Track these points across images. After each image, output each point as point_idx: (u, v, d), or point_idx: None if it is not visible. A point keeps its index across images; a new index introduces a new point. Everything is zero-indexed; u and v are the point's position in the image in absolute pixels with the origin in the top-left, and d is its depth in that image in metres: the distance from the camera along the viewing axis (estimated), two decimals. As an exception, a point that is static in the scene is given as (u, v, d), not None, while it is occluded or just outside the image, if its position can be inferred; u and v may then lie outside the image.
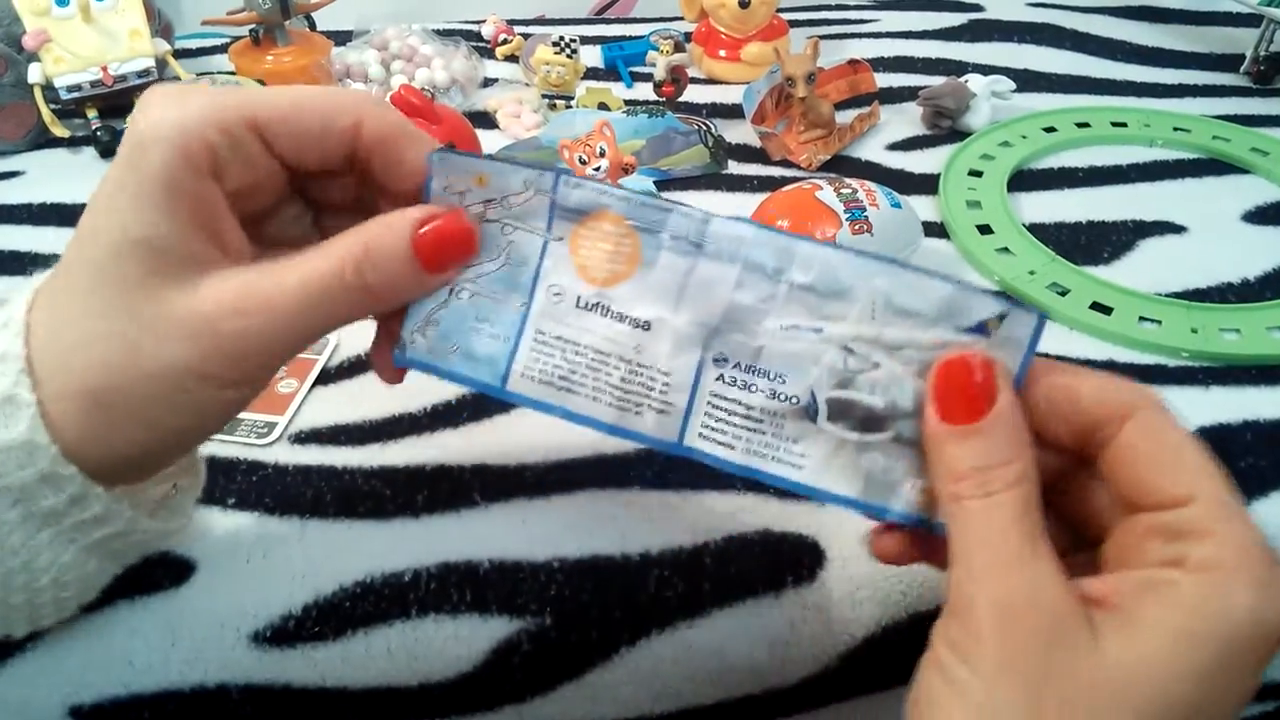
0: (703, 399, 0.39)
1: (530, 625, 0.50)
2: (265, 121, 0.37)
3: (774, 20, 1.06)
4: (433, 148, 0.40)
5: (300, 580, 0.50)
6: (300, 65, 0.98)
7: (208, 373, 0.36)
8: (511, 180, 0.39)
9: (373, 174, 0.40)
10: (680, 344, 0.39)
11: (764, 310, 0.38)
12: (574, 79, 0.96)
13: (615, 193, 0.38)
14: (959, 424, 0.34)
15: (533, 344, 0.40)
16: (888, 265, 0.36)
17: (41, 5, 0.88)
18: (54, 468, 0.36)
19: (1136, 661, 0.30)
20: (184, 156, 0.35)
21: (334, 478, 0.56)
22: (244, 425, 0.59)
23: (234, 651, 0.48)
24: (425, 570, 0.51)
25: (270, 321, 0.36)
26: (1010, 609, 0.31)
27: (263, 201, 0.40)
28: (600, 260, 0.39)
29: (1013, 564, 0.32)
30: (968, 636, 0.32)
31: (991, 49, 1.12)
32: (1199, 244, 0.79)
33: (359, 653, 0.49)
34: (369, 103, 0.39)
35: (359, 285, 0.37)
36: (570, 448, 0.58)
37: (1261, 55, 1.04)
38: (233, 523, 0.54)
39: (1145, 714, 0.30)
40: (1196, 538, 0.32)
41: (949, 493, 0.34)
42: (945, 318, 0.36)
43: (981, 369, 0.35)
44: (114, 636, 0.48)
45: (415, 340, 0.41)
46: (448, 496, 0.55)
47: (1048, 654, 0.31)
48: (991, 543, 0.33)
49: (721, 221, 0.38)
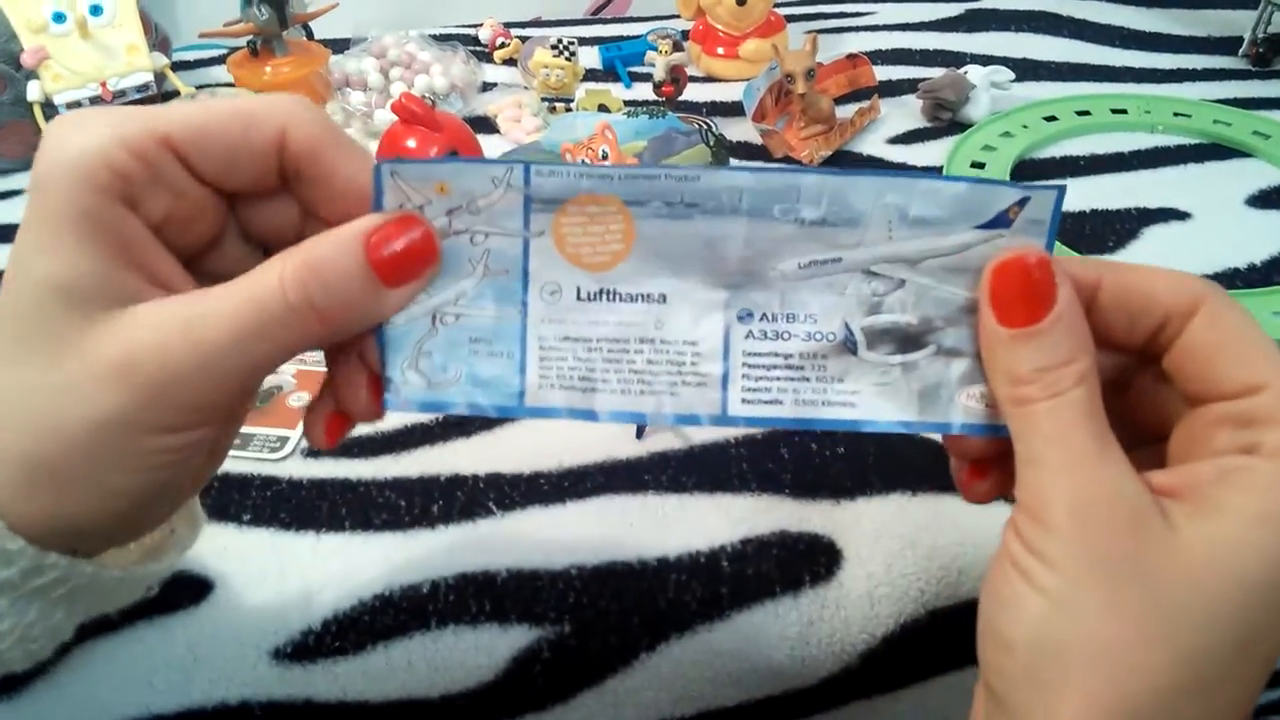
0: (737, 361, 0.36)
1: (550, 633, 0.50)
2: (178, 138, 0.33)
3: (771, 16, 1.06)
4: (369, 161, 0.35)
5: (318, 595, 0.51)
6: (299, 75, 0.98)
7: (143, 421, 0.32)
8: (476, 181, 0.35)
9: (305, 192, 0.36)
10: (700, 309, 0.36)
11: (778, 254, 0.36)
12: (573, 81, 0.96)
13: (593, 172, 0.35)
14: (1020, 326, 0.34)
15: (540, 351, 0.37)
16: (897, 179, 0.35)
17: (39, 22, 0.88)
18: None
19: (1214, 546, 0.30)
20: (89, 184, 0.31)
21: (348, 490, 0.56)
22: (256, 440, 0.59)
23: (255, 669, 0.48)
24: (443, 581, 0.51)
25: (200, 358, 0.31)
26: (1086, 505, 0.31)
27: (200, 233, 0.36)
28: (593, 245, 0.36)
29: (1085, 460, 0.32)
30: (1044, 534, 0.32)
31: (989, 39, 1.12)
32: (1203, 230, 0.79)
33: (379, 666, 0.49)
34: (296, 107, 0.34)
35: (304, 308, 0.32)
36: (583, 454, 0.58)
37: (1260, 37, 1.04)
38: (249, 539, 0.54)
39: (1225, 598, 0.30)
40: (1271, 424, 0.32)
41: (1013, 396, 0.34)
42: (963, 218, 0.35)
43: (1038, 268, 0.34)
44: (134, 658, 0.48)
45: (407, 378, 0.36)
46: (463, 506, 0.55)
47: (1124, 546, 0.31)
48: (1061, 441, 0.32)
49: (713, 174, 0.35)
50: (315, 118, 0.34)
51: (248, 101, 0.34)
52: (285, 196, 0.36)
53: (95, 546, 0.36)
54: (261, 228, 0.37)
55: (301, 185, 0.35)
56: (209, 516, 0.54)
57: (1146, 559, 0.31)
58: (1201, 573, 0.30)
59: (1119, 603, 0.30)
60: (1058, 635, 0.31)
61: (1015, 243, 0.35)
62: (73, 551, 0.35)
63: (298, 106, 0.34)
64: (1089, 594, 0.31)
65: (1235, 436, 0.32)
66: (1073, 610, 0.31)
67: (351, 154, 0.35)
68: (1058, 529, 0.31)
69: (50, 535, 0.33)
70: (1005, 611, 0.32)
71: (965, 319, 0.36)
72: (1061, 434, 0.32)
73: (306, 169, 0.34)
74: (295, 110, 0.34)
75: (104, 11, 0.91)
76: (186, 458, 0.34)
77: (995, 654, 0.33)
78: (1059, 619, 0.31)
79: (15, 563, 0.33)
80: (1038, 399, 0.33)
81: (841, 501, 0.55)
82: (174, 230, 0.34)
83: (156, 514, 0.37)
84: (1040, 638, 0.31)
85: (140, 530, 0.38)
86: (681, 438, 0.60)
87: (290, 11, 0.97)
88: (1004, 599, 0.33)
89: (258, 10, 0.95)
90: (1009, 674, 0.32)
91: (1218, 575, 0.30)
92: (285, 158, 0.34)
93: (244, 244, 0.38)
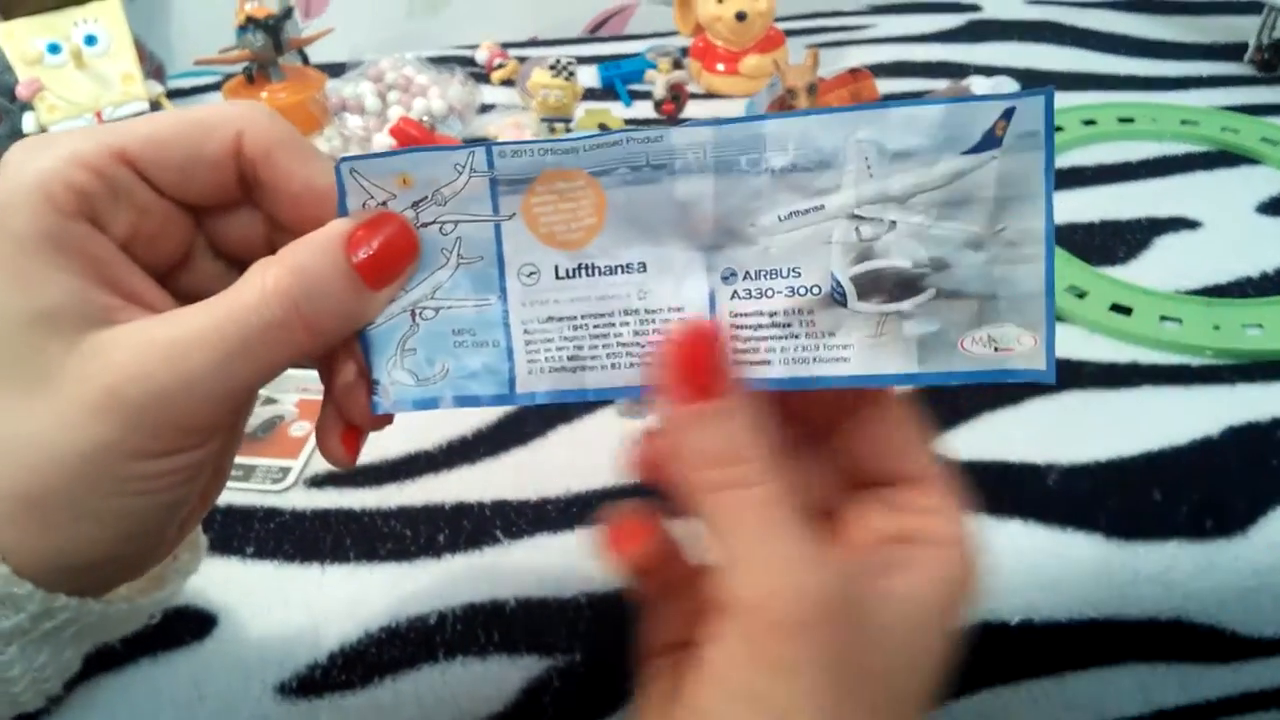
0: (725, 324, 0.35)
1: (560, 663, 0.49)
2: (133, 151, 0.32)
3: (771, 31, 1.05)
4: (326, 163, 0.34)
5: (324, 628, 0.50)
6: (295, 100, 0.98)
7: (136, 448, 0.31)
8: (439, 169, 0.34)
9: (265, 199, 0.35)
10: (682, 273, 0.35)
11: (755, 209, 0.34)
12: (572, 101, 0.95)
13: (558, 145, 0.34)
14: (700, 401, 0.31)
15: (525, 336, 0.36)
16: (867, 112, 0.32)
17: (34, 54, 0.88)
18: (6, 588, 0.32)
19: (902, 629, 0.32)
20: (49, 205, 0.31)
21: (352, 521, 0.56)
22: (259, 472, 0.59)
23: (261, 704, 0.47)
24: (451, 612, 0.50)
25: (185, 383, 0.31)
26: (806, 610, 0.29)
27: (169, 249, 0.35)
28: (566, 222, 0.35)
29: (800, 562, 0.30)
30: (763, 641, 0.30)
31: (991, 49, 1.12)
32: (1214, 238, 0.78)
33: (387, 699, 0.48)
34: (251, 112, 0.34)
35: (291, 319, 0.32)
36: (590, 479, 0.57)
37: (1265, 43, 1.03)
38: (252, 572, 0.53)
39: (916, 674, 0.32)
40: (927, 513, 0.34)
41: (705, 480, 0.31)
42: (947, 144, 0.32)
43: (699, 339, 0.32)
44: (138, 695, 0.47)
45: (395, 378, 0.36)
46: (469, 535, 0.54)
47: (841, 648, 0.30)
48: (771, 537, 0.30)
49: (677, 132, 0.33)
50: (270, 122, 0.34)
51: (201, 109, 0.34)
52: (250, 208, 0.36)
53: (106, 581, 0.36)
54: (230, 242, 0.37)
55: (261, 192, 0.35)
56: (212, 550, 0.53)
57: (862, 656, 0.30)
58: (894, 658, 0.31)
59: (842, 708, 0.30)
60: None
61: (1011, 164, 0.32)
62: (81, 591, 0.34)
63: (252, 111, 0.34)
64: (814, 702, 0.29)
65: (899, 523, 0.34)
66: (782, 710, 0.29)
67: (307, 156, 0.34)
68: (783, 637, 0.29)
69: (57, 575, 0.33)
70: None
71: (967, 256, 0.33)
72: (772, 530, 0.30)
73: (264, 173, 0.34)
74: (249, 115, 0.34)
75: (99, 41, 0.91)
76: (188, 478, 0.33)
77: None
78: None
79: (24, 608, 0.32)
80: (739, 485, 0.31)
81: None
82: (142, 247, 0.34)
83: (166, 540, 0.36)
84: None
85: (152, 560, 0.37)
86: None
87: (286, 37, 0.97)
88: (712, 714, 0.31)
89: (253, 36, 0.94)
90: None
91: (908, 659, 0.32)
92: (242, 164, 0.34)
93: (215, 260, 0.37)
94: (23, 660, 0.34)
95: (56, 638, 0.35)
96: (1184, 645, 0.55)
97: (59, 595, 0.33)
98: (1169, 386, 0.63)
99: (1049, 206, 0.32)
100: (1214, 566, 0.53)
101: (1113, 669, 0.55)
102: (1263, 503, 0.55)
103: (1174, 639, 0.54)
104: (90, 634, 0.37)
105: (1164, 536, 0.54)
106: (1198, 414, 0.61)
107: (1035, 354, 0.33)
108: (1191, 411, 0.61)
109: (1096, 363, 0.65)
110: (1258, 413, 0.61)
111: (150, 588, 0.40)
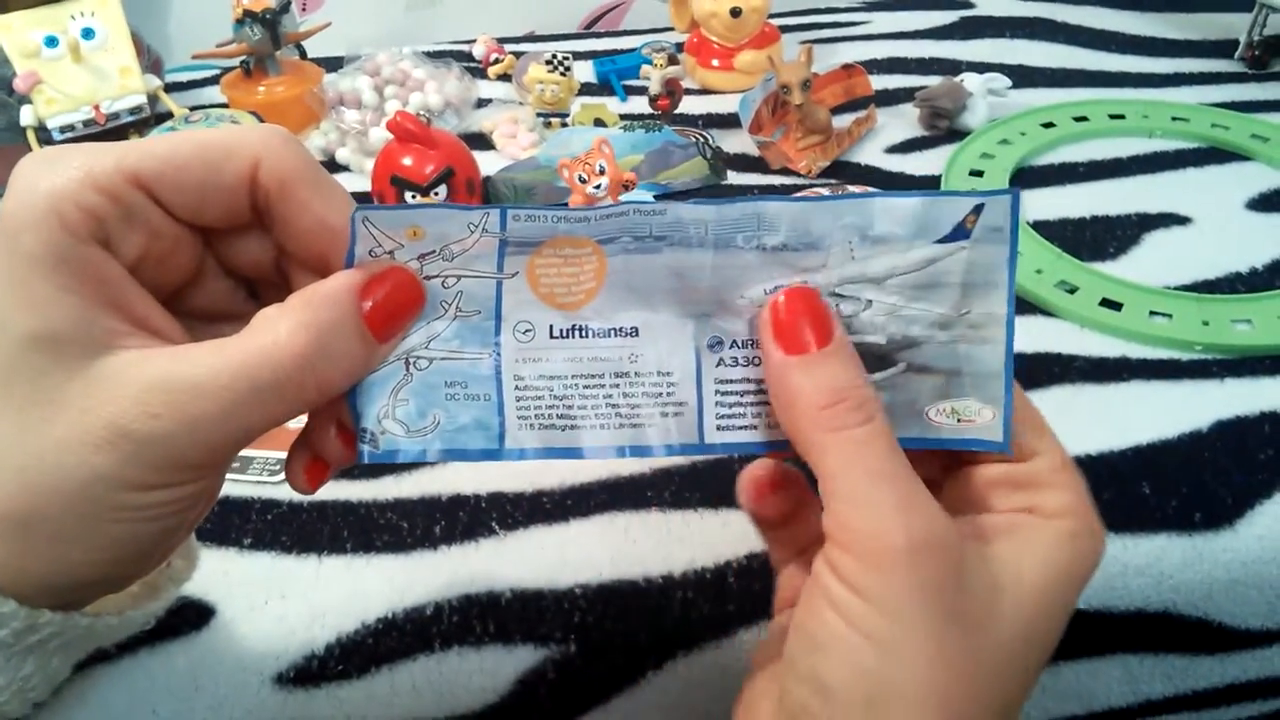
0: (710, 389, 0.37)
1: (555, 654, 0.49)
2: (148, 176, 0.32)
3: (765, 27, 1.06)
4: (341, 201, 0.34)
5: (321, 619, 0.50)
6: (292, 94, 0.98)
7: (136, 480, 0.31)
8: (452, 226, 0.35)
9: (276, 228, 0.34)
10: (672, 340, 0.36)
11: (745, 281, 0.36)
12: (568, 96, 0.95)
13: (571, 215, 0.35)
14: (807, 351, 0.33)
15: (516, 392, 0.36)
16: (853, 201, 0.35)
17: (31, 47, 0.88)
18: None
19: (1014, 597, 0.32)
20: (61, 226, 0.30)
21: (349, 513, 0.56)
22: (256, 464, 0.59)
23: (258, 695, 0.48)
24: (447, 603, 0.51)
25: (186, 423, 0.30)
26: (920, 548, 0.31)
27: (178, 271, 0.35)
28: (567, 286, 0.36)
29: (910, 501, 0.31)
30: (871, 575, 0.31)
31: (984, 46, 1.12)
32: (1204, 234, 0.79)
33: (384, 689, 0.48)
34: (272, 139, 0.33)
35: (303, 375, 0.32)
36: (585, 471, 0.58)
37: (1255, 40, 1.04)
38: (249, 563, 0.53)
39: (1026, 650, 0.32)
40: (1044, 488, 0.34)
41: (815, 421, 0.33)
42: (921, 233, 0.35)
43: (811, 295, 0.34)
44: (136, 686, 0.48)
45: (385, 428, 0.36)
46: (465, 527, 0.55)
47: (951, 593, 0.31)
48: (881, 477, 0.32)
49: (679, 208, 0.35)
50: (287, 151, 0.33)
51: (220, 134, 0.33)
52: (261, 231, 0.35)
53: (90, 596, 0.36)
54: (239, 263, 0.36)
55: (273, 220, 0.34)
56: (209, 542, 0.54)
57: (967, 606, 0.31)
58: (1008, 623, 0.32)
59: (946, 650, 0.30)
60: (885, 683, 0.30)
61: (978, 255, 0.34)
62: (66, 606, 0.34)
63: (273, 140, 0.33)
64: (918, 641, 0.30)
65: (1012, 498, 0.35)
66: (901, 657, 0.30)
67: (322, 191, 0.34)
68: (888, 571, 0.31)
69: (42, 592, 0.33)
70: (823, 654, 0.32)
71: (934, 335, 0.35)
72: (882, 470, 0.32)
73: (277, 204, 0.34)
74: (269, 144, 0.33)
75: (96, 35, 0.91)
76: (183, 509, 0.33)
77: (807, 695, 0.32)
78: (887, 666, 0.30)
79: (7, 624, 0.32)
80: (847, 426, 0.32)
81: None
82: (151, 268, 0.33)
83: (154, 559, 0.36)
84: (865, 686, 0.31)
85: (138, 576, 0.37)
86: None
87: (283, 31, 0.97)
88: (821, 641, 0.32)
89: (250, 30, 0.95)
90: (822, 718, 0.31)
91: (1020, 626, 0.32)
92: (256, 192, 0.33)
93: (224, 279, 0.37)
94: (7, 671, 0.34)
95: (41, 650, 0.35)
96: (1172, 637, 0.55)
97: (43, 611, 0.33)
98: (1158, 381, 0.64)
99: (1010, 294, 0.35)
100: (1202, 559, 0.53)
101: (1101, 660, 0.56)
102: (1250, 496, 0.56)
103: (1162, 630, 0.55)
104: (79, 645, 0.37)
105: (1153, 529, 0.54)
106: (1187, 408, 0.61)
107: (993, 427, 0.35)
108: (1181, 406, 0.61)
109: (1086, 357, 0.65)
110: (1246, 407, 0.61)
111: (144, 596, 0.40)
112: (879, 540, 0.31)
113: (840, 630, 0.31)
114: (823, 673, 0.31)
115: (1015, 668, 0.32)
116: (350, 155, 0.94)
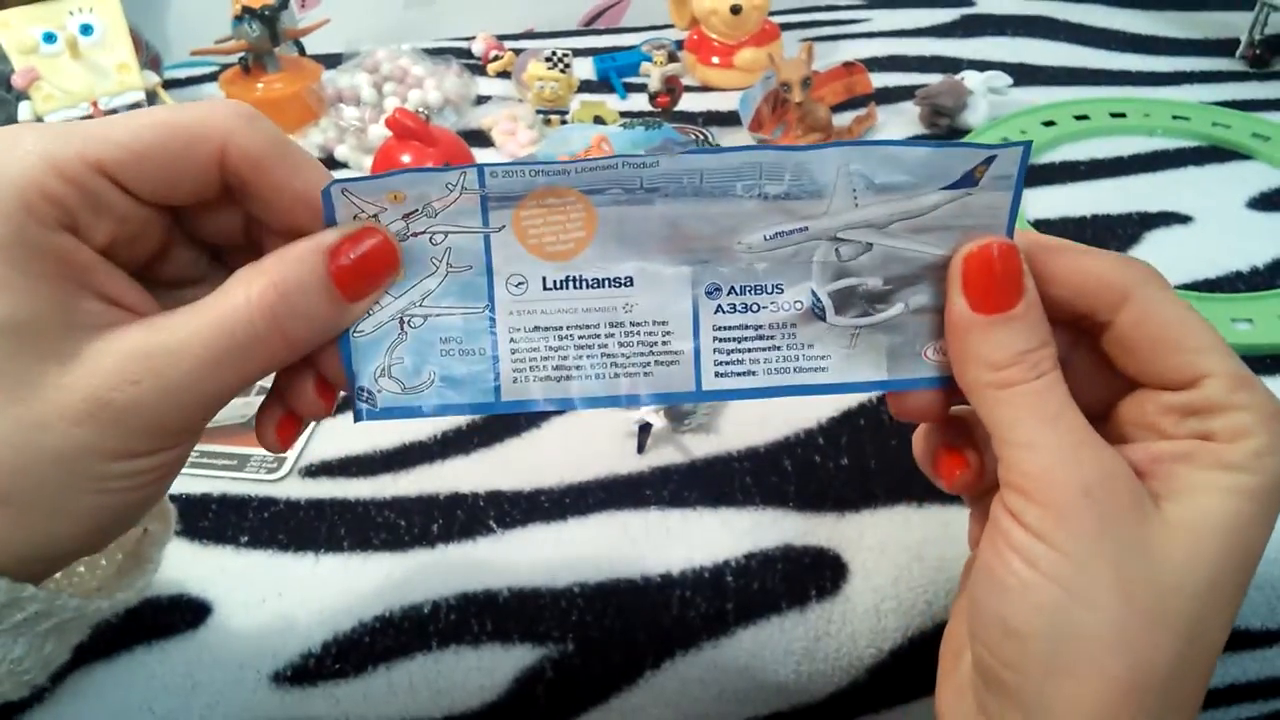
0: (708, 337, 0.37)
1: (553, 652, 0.49)
2: (112, 164, 0.32)
3: (765, 25, 1.05)
4: (323, 175, 0.34)
5: (318, 617, 0.50)
6: (291, 91, 0.98)
7: (112, 449, 0.32)
8: (430, 187, 0.35)
9: (252, 204, 0.35)
10: (668, 288, 0.36)
11: (743, 229, 0.36)
12: (568, 93, 0.95)
13: (549, 167, 0.35)
14: (996, 312, 0.34)
15: (511, 345, 0.37)
16: (860, 148, 0.35)
17: (29, 43, 0.88)
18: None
19: (1195, 524, 0.32)
20: (29, 216, 0.30)
21: (347, 511, 0.56)
22: (253, 461, 0.59)
23: (255, 693, 0.48)
24: (444, 601, 0.50)
25: (166, 388, 0.31)
26: (1094, 487, 0.32)
27: (147, 248, 0.35)
28: (555, 235, 0.36)
29: (1084, 443, 0.32)
30: (1050, 518, 0.32)
31: (985, 44, 1.12)
32: (1205, 233, 0.78)
33: (381, 688, 0.48)
34: (236, 121, 0.33)
35: (272, 333, 0.32)
36: (584, 470, 0.58)
37: (1256, 39, 1.03)
38: (246, 561, 0.53)
39: (1211, 574, 0.32)
40: (1218, 412, 0.33)
41: (994, 380, 0.34)
42: (928, 181, 0.35)
43: (1009, 255, 0.34)
44: (133, 683, 0.47)
45: (381, 386, 0.36)
46: (463, 525, 0.55)
47: (1128, 527, 0.32)
48: (1057, 423, 0.33)
49: (672, 160, 0.35)
50: (254, 130, 0.33)
51: (184, 116, 0.33)
52: (230, 205, 0.35)
53: (67, 564, 0.36)
54: (208, 234, 0.37)
55: (248, 197, 0.34)
56: (206, 539, 0.54)
57: (1145, 539, 0.32)
58: (1188, 550, 0.32)
59: (1127, 585, 0.31)
60: (1075, 622, 0.31)
61: (983, 199, 0.35)
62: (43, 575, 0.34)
63: (238, 120, 0.33)
64: (1101, 578, 0.31)
65: (1186, 425, 0.34)
66: (1087, 596, 0.31)
67: (298, 166, 0.34)
68: (1066, 512, 0.32)
69: (23, 566, 0.33)
70: (1011, 600, 0.32)
71: (931, 275, 0.36)
72: (1055, 416, 0.33)
73: (252, 184, 0.34)
74: (235, 124, 0.33)
75: (94, 31, 0.91)
76: (162, 476, 0.34)
77: (1000, 644, 0.33)
78: (1075, 606, 0.31)
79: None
80: (1022, 381, 0.33)
81: (846, 514, 0.55)
82: (121, 249, 0.34)
83: (129, 525, 0.36)
84: (1056, 626, 0.31)
85: (112, 539, 0.37)
86: (683, 451, 0.59)
87: (282, 28, 0.96)
88: (1008, 587, 0.33)
89: (249, 27, 0.94)
90: (1020, 664, 0.32)
91: (1202, 552, 0.32)
92: (227, 172, 0.33)
93: (191, 248, 0.37)
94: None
95: (31, 631, 0.35)
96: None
97: (26, 586, 0.33)
98: (1158, 380, 0.63)
99: (1010, 235, 0.35)
100: (1201, 559, 0.53)
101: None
102: (1250, 496, 0.55)
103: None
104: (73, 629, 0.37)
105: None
106: (1187, 408, 0.61)
107: None
108: (1180, 405, 0.61)
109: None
110: (1246, 407, 0.61)
111: (130, 569, 0.40)
112: (1055, 482, 0.32)
113: (1027, 576, 0.32)
114: (1011, 618, 0.32)
115: (1204, 595, 0.32)
116: (349, 152, 0.93)
